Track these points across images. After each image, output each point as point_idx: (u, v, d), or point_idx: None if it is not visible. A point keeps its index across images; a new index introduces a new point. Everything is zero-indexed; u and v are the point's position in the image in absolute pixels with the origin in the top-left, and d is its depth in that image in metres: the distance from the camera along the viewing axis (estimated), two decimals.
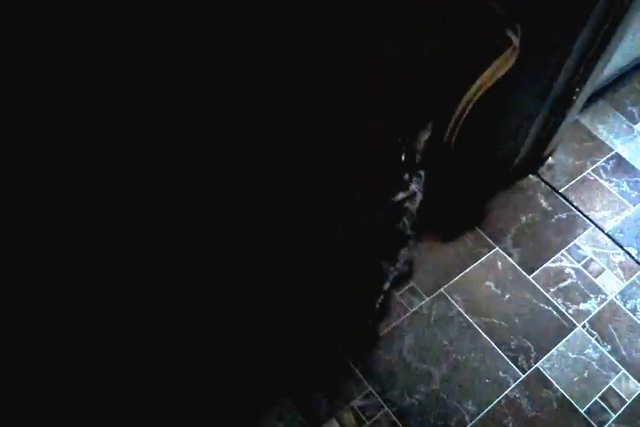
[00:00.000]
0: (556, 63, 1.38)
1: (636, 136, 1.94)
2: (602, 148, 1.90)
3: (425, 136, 1.07)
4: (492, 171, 1.69)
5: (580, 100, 1.62)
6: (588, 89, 1.59)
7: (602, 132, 1.94)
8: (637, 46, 1.96)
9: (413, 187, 1.05)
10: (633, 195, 1.80)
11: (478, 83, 1.13)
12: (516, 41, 1.04)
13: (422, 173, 1.06)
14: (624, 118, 1.99)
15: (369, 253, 1.11)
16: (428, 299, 1.50)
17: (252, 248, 1.39)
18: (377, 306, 1.29)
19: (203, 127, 1.10)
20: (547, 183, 1.79)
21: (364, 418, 1.30)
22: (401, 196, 1.03)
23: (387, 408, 1.32)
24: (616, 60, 1.81)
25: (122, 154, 1.21)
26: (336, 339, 1.37)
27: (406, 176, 1.01)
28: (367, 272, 1.15)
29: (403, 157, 1.01)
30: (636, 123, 1.98)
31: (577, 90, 1.52)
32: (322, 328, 1.36)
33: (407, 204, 1.08)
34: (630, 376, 1.47)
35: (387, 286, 1.24)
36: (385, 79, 1.19)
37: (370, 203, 1.04)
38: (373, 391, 1.34)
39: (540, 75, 1.43)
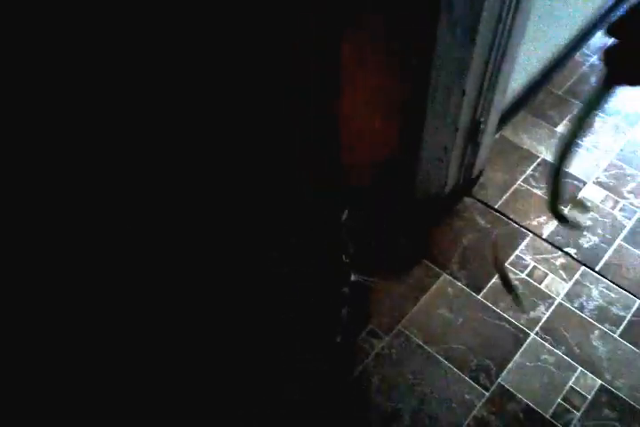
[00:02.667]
0: (455, 104, 1.51)
1: (558, 138, 2.07)
2: (528, 156, 2.03)
3: None
4: (427, 205, 1.81)
5: (490, 126, 1.74)
6: (493, 116, 1.71)
7: (526, 142, 2.06)
8: (539, 57, 2.09)
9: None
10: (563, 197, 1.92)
11: None
12: None
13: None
14: (544, 123, 2.11)
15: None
16: (387, 338, 1.62)
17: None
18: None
19: None
20: (481, 202, 1.92)
21: None
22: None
23: None
24: (520, 73, 1.94)
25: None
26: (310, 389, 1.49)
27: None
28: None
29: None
30: (556, 125, 2.11)
31: (482, 119, 1.64)
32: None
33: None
34: (587, 372, 1.59)
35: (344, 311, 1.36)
36: None
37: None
38: None
39: (445, 114, 1.56)
